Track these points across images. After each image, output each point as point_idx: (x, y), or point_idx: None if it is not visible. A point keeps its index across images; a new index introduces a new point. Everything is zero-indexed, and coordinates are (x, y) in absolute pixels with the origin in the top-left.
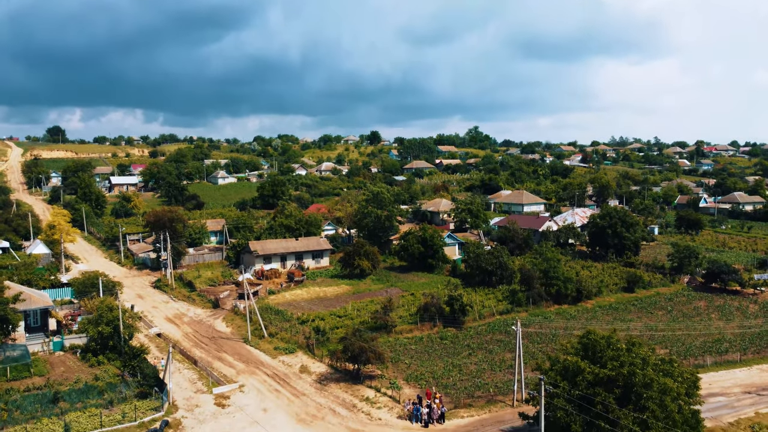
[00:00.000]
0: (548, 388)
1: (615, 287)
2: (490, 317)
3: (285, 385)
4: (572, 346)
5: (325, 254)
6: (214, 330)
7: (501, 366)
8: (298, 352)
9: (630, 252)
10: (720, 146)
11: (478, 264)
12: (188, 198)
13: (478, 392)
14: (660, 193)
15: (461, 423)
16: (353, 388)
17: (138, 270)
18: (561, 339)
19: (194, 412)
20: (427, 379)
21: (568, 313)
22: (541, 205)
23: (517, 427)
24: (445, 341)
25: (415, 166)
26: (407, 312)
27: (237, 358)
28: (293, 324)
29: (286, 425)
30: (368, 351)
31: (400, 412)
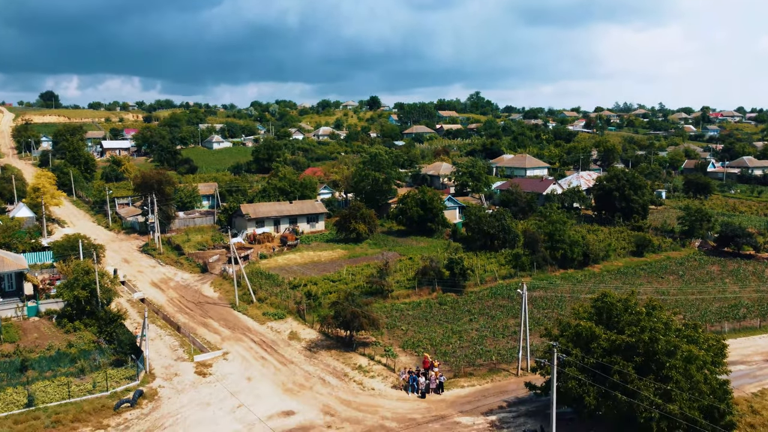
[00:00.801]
0: (560, 357)
1: (623, 251)
2: (492, 282)
3: (272, 352)
4: (585, 311)
5: (320, 218)
6: (201, 295)
7: (504, 332)
8: (288, 318)
9: (638, 216)
10: (726, 112)
11: (479, 227)
12: (181, 162)
13: (479, 360)
14: (666, 158)
15: (461, 393)
16: (345, 356)
17: (126, 234)
18: (568, 304)
19: (173, 381)
20: (425, 347)
21: (574, 277)
22: (545, 169)
23: (522, 398)
24: (445, 306)
25: (415, 131)
26: (405, 277)
27: (223, 324)
28: (284, 289)
29: (271, 395)
30: (361, 316)
31: (395, 381)
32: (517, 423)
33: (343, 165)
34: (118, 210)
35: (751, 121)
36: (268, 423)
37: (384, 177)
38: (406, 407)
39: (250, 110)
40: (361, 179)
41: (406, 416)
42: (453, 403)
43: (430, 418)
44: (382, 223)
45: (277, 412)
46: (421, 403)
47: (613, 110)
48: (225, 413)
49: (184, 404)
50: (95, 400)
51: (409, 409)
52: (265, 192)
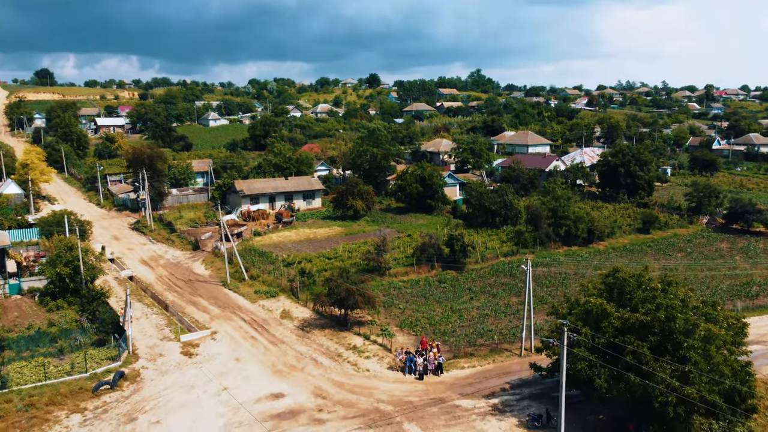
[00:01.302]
0: (570, 336)
1: (629, 228)
2: (493, 259)
3: (263, 332)
4: (594, 287)
5: (316, 195)
6: (192, 273)
7: (506, 311)
8: (281, 296)
9: (643, 192)
10: (730, 90)
11: (480, 203)
12: (176, 139)
13: (480, 340)
14: (671, 135)
15: (461, 374)
16: (339, 336)
17: (117, 211)
18: (572, 282)
19: (157, 362)
20: (423, 326)
21: (578, 254)
22: (547, 146)
23: (526, 379)
24: (444, 284)
25: (415, 108)
26: (403, 254)
27: (213, 303)
28: (278, 266)
29: (260, 377)
30: (356, 294)
31: (391, 362)
32: (521, 406)
33: (341, 141)
34: (110, 187)
35: (756, 99)
36: (255, 406)
37: (382, 153)
38: (402, 389)
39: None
40: (359, 155)
41: (403, 399)
42: (452, 385)
43: (429, 401)
44: (380, 200)
45: (266, 395)
46: (418, 385)
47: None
48: (210, 396)
49: (168, 386)
50: (73, 382)
51: (405, 392)
52: (260, 168)
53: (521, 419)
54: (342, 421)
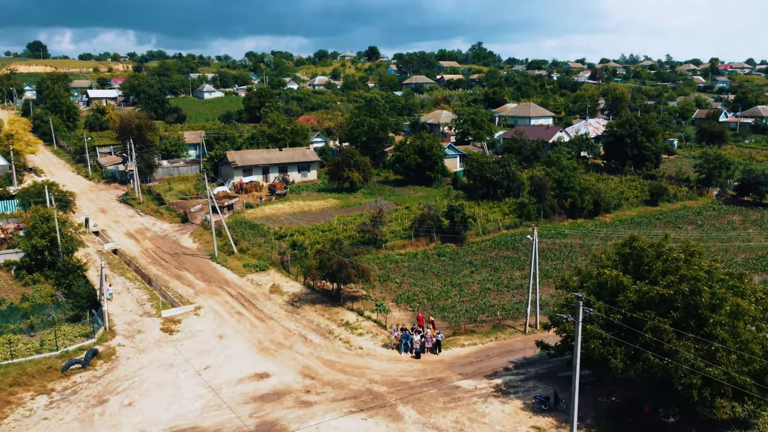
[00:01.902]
0: (586, 311)
1: (636, 200)
2: (495, 232)
3: (250, 307)
4: (608, 258)
5: (312, 167)
6: (179, 246)
7: (509, 286)
8: (271, 270)
9: (650, 164)
10: (735, 64)
11: (482, 174)
12: (169, 111)
13: (481, 316)
14: (677, 107)
15: (461, 353)
16: (331, 311)
17: (106, 184)
18: (578, 255)
19: (135, 339)
20: (421, 301)
21: (584, 227)
22: (550, 118)
23: (531, 359)
24: (444, 258)
25: (415, 81)
26: (400, 226)
27: (199, 277)
28: (269, 239)
29: (244, 355)
30: (349, 267)
31: (386, 339)
32: (526, 387)
33: (338, 112)
34: (100, 159)
35: (761, 73)
36: (237, 387)
37: (380, 123)
38: (397, 369)
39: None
40: (356, 126)
41: (398, 379)
42: (452, 364)
43: (426, 382)
44: (378, 172)
45: (250, 375)
46: (415, 364)
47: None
48: (189, 376)
49: (144, 365)
50: (42, 360)
51: (401, 371)
52: (253, 139)
53: (526, 401)
54: (331, 403)
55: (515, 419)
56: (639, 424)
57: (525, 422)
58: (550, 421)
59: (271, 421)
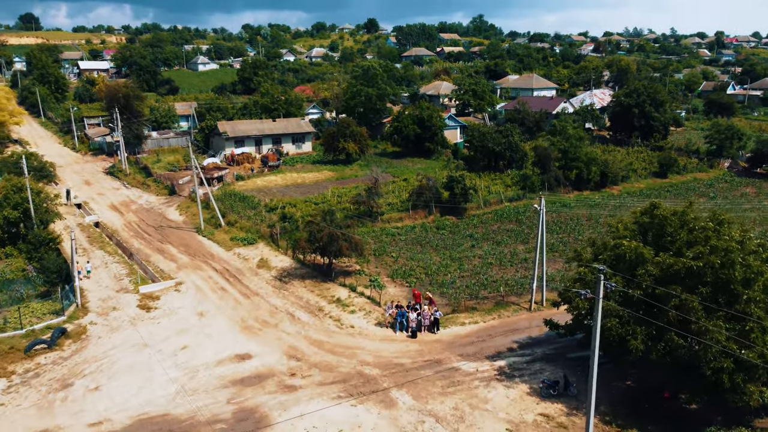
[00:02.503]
0: (608, 286)
1: (644, 172)
2: (497, 204)
3: (235, 282)
4: (626, 228)
5: (307, 138)
6: (165, 219)
7: (512, 260)
8: (259, 244)
9: (659, 135)
10: (741, 37)
11: (483, 145)
12: (161, 83)
13: (483, 292)
14: (683, 80)
15: (461, 332)
16: (321, 287)
17: (93, 156)
18: (585, 229)
19: (108, 316)
20: (418, 276)
21: (591, 199)
22: (553, 90)
23: (537, 338)
24: (443, 231)
25: (415, 53)
26: (398, 198)
27: (183, 251)
28: (259, 212)
29: (226, 334)
30: (341, 239)
31: (379, 317)
32: (532, 370)
33: (334, 82)
34: (88, 131)
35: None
36: (215, 370)
37: (378, 93)
38: (392, 349)
39: (241, 33)
40: (353, 96)
41: (392, 361)
42: (451, 344)
43: (422, 364)
44: (375, 144)
45: (230, 356)
46: (411, 344)
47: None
48: (164, 357)
49: (116, 345)
50: (4, 340)
51: (395, 352)
52: (245, 109)
53: (533, 386)
54: (317, 387)
55: (521, 406)
56: (657, 411)
57: (532, 409)
58: (559, 408)
59: (250, 408)
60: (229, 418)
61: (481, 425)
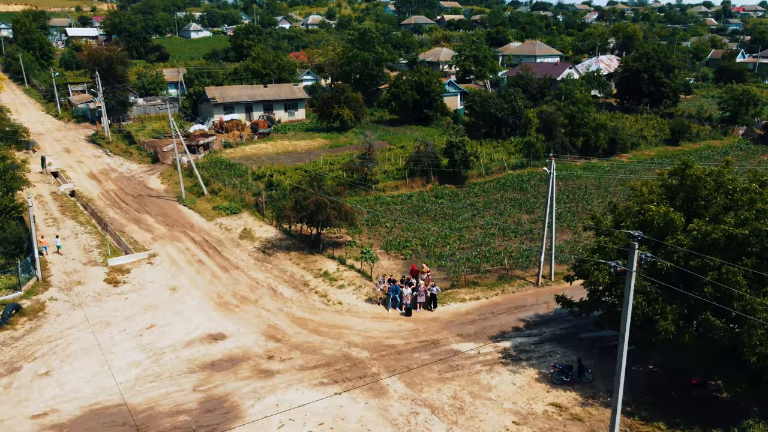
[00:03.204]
0: (643, 256)
1: (655, 139)
2: (499, 172)
3: (214, 254)
4: (651, 191)
5: (300, 105)
6: (145, 187)
7: (517, 231)
8: (244, 213)
9: (669, 101)
10: (748, 6)
11: (485, 110)
12: (151, 50)
13: (485, 265)
14: (690, 48)
15: (461, 309)
16: (308, 260)
17: (76, 123)
18: (594, 198)
19: (71, 292)
20: (415, 248)
21: (599, 167)
22: (557, 57)
23: (546, 316)
24: (441, 200)
25: (414, 21)
26: (394, 166)
27: (161, 221)
28: (246, 180)
29: (198, 312)
30: (329, 207)
31: (370, 293)
32: (541, 352)
33: (329, 47)
34: (72, 98)
35: None
36: (183, 352)
37: (375, 57)
38: (383, 329)
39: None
40: (348, 61)
41: (383, 342)
42: (449, 323)
43: (417, 345)
44: (372, 111)
45: (201, 336)
46: (404, 323)
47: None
48: (128, 337)
49: (76, 324)
50: None
51: (387, 332)
52: (236, 74)
53: (542, 371)
54: (297, 372)
55: (529, 394)
56: (686, 400)
57: (542, 398)
58: (573, 397)
59: (218, 397)
60: (193, 408)
61: (484, 417)
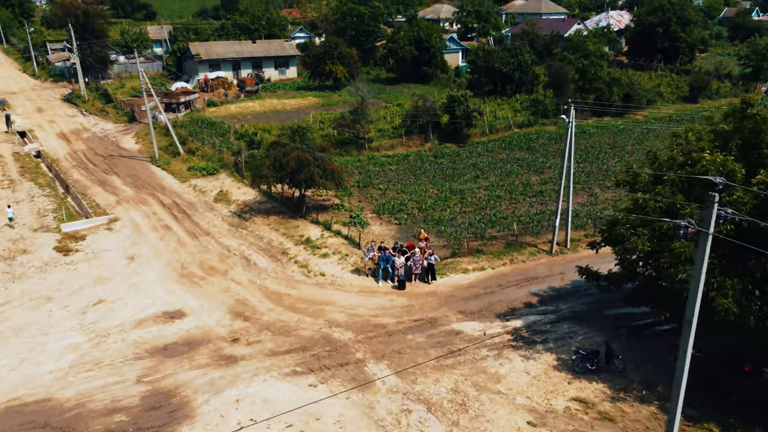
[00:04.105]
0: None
1: (672, 96)
2: (504, 131)
3: (184, 219)
4: (699, 137)
5: (291, 63)
6: (118, 147)
7: (525, 193)
8: (221, 174)
9: (685, 57)
10: None
11: (488, 65)
12: (138, 7)
13: (490, 230)
14: (702, 6)
15: (463, 281)
16: (289, 225)
17: (53, 82)
18: (610, 158)
19: (14, 262)
20: (411, 211)
21: (613, 126)
22: (563, 15)
23: (563, 289)
24: (441, 160)
25: None
26: (389, 124)
27: (129, 182)
28: (227, 139)
29: (156, 285)
30: (312, 164)
31: (358, 263)
32: (559, 333)
33: (323, 1)
34: (51, 56)
35: None
36: (131, 333)
37: (371, 12)
38: (371, 305)
39: None
40: (343, 16)
41: (371, 321)
42: (449, 297)
43: (411, 325)
44: (368, 70)
45: (155, 314)
46: (397, 297)
47: None
48: (70, 315)
49: (11, 299)
50: None
51: (376, 309)
52: (223, 30)
53: (562, 356)
54: (266, 359)
55: (546, 386)
56: (738, 393)
57: (562, 391)
58: (600, 390)
59: (167, 390)
60: (134, 405)
61: (492, 416)
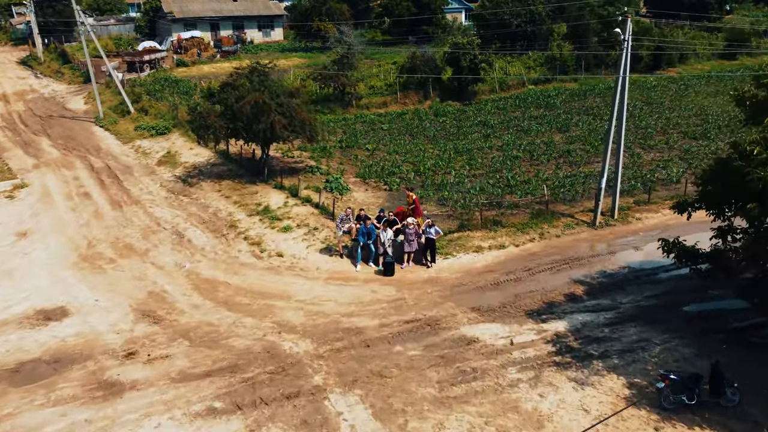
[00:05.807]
0: None
1: (706, 52)
2: (517, 87)
3: (112, 185)
4: None
5: (277, 23)
6: (63, 108)
7: (550, 152)
8: (174, 134)
9: (714, 12)
10: None
11: (497, 18)
12: None
13: (509, 197)
14: None
15: (475, 263)
16: (245, 191)
17: (14, 45)
18: (646, 117)
19: None
20: (405, 174)
21: (642, 83)
22: None
23: (617, 275)
24: (443, 118)
25: None
26: (383, 81)
27: (60, 144)
28: (190, 98)
29: (43, 268)
30: (275, 111)
31: (330, 239)
32: (625, 342)
33: None
34: (14, 20)
35: None
36: None
37: None
38: (344, 299)
39: None
40: None
41: (341, 323)
42: (456, 287)
43: (401, 329)
44: (362, 33)
45: (24, 313)
46: (381, 287)
47: None
48: None
49: None
50: None
51: (350, 305)
52: None
53: (635, 380)
54: (168, 388)
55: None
56: None
57: None
58: None
59: None
60: None
61: None
